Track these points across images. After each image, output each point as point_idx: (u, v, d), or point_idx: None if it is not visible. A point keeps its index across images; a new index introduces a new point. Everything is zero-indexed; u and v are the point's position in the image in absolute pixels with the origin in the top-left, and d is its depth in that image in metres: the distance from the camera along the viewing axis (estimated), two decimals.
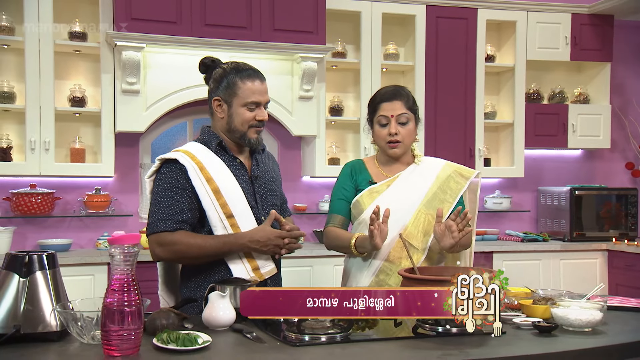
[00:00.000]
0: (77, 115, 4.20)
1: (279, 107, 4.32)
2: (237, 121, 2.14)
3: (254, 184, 2.19)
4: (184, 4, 3.99)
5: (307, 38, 4.23)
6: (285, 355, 1.59)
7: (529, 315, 1.97)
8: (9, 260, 1.74)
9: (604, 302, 1.95)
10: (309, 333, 1.75)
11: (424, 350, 1.65)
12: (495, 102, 5.15)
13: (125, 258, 1.58)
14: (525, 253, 4.72)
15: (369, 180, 2.37)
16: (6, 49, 4.11)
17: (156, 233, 2.03)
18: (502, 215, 5.27)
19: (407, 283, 1.88)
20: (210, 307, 1.86)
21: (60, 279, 1.81)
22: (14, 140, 4.08)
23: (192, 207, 2.06)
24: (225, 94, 2.15)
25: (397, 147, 2.33)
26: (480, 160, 4.87)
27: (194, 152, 2.11)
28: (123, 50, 3.90)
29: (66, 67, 4.23)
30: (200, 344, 1.62)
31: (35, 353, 1.61)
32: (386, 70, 4.83)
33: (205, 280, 2.05)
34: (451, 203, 2.33)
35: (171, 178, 2.06)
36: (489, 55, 4.99)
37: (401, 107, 2.31)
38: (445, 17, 4.77)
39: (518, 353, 1.61)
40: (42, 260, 1.76)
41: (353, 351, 1.64)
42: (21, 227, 4.15)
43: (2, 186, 4.12)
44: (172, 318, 1.80)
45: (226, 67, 2.20)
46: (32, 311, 1.70)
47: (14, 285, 1.72)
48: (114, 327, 1.55)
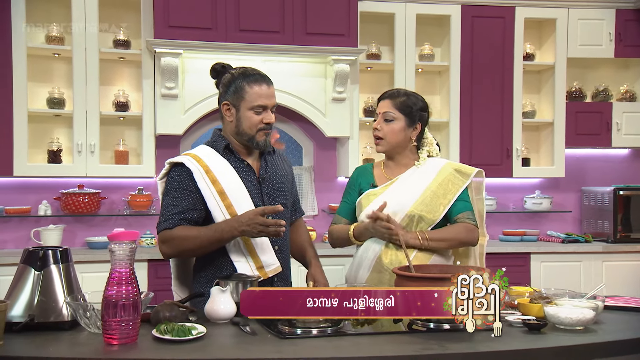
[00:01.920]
0: (121, 119, 4.43)
1: (312, 109, 4.42)
2: (245, 124, 2.24)
3: (262, 185, 2.28)
4: (219, 10, 4.15)
5: (339, 41, 4.31)
6: (270, 347, 1.68)
7: (525, 314, 1.98)
8: (26, 255, 1.91)
9: (601, 302, 1.95)
10: (301, 327, 1.83)
11: (406, 344, 1.70)
12: (535, 101, 5.07)
13: (124, 254, 1.71)
14: (566, 254, 4.64)
15: (371, 183, 2.45)
16: (57, 58, 4.37)
17: (161, 232, 2.16)
18: (543, 216, 5.18)
19: (400, 280, 1.93)
20: (211, 301, 1.97)
21: (74, 273, 1.96)
22: (63, 143, 4.33)
23: (197, 208, 2.17)
24: (233, 98, 2.24)
25: (379, 144, 2.42)
26: (518, 161, 4.81)
27: (201, 155, 2.22)
28: (162, 57, 4.09)
29: (111, 74, 4.46)
30: (194, 335, 1.73)
31: (46, 340, 1.75)
32: (422, 71, 4.84)
33: (214, 276, 2.16)
34: (449, 200, 2.36)
35: (178, 181, 2.18)
36: (528, 53, 4.93)
37: (389, 105, 2.39)
38: (482, 17, 4.75)
39: (494, 349, 1.65)
40: (56, 255, 1.92)
41: (337, 344, 1.71)
42: (70, 225, 4.40)
43: (53, 186, 4.38)
44: (175, 310, 1.92)
45: (234, 72, 2.30)
46: (45, 302, 1.85)
47: (30, 278, 1.88)
48: (113, 318, 1.68)
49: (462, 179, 2.40)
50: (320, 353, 1.63)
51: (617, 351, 1.70)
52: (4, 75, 4.06)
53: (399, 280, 1.93)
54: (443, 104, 4.87)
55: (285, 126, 4.84)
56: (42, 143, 4.31)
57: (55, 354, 1.62)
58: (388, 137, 2.39)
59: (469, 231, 2.35)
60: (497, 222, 5.11)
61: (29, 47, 4.13)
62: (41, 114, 4.27)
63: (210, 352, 1.65)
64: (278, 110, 4.59)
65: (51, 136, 4.33)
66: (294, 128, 4.84)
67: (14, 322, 1.82)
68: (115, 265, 1.71)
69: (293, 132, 4.86)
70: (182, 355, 1.61)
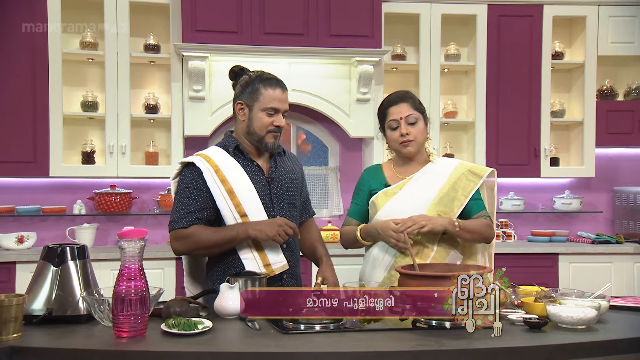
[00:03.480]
0: (152, 121, 4.56)
1: (336, 110, 4.47)
2: (256, 125, 2.31)
3: (271, 185, 2.34)
4: (244, 14, 4.24)
5: (363, 42, 4.35)
6: (269, 341, 1.74)
7: (529, 313, 1.99)
8: (45, 252, 2.02)
9: (607, 301, 1.95)
10: (304, 322, 1.88)
11: (404, 341, 1.74)
12: (565, 100, 5.01)
13: (134, 251, 1.80)
14: (596, 255, 4.56)
15: (384, 183, 2.48)
16: (91, 63, 4.54)
17: (174, 230, 2.24)
18: (573, 217, 5.11)
19: (402, 279, 1.97)
20: (220, 298, 2.05)
21: (91, 269, 2.06)
22: (97, 145, 4.49)
23: (208, 206, 2.25)
24: (248, 98, 2.32)
25: (410, 146, 2.43)
26: (546, 160, 4.76)
27: (211, 155, 2.30)
28: (189, 60, 4.21)
29: (142, 77, 4.60)
30: (200, 330, 1.80)
31: (62, 333, 1.85)
32: (448, 71, 4.84)
33: (224, 273, 2.23)
34: (462, 201, 2.39)
35: (189, 180, 2.27)
36: (557, 52, 4.87)
37: (408, 108, 2.42)
38: (508, 16, 4.71)
39: (490, 345, 1.67)
40: (73, 252, 2.02)
41: (337, 340, 1.76)
42: (103, 223, 4.56)
43: (87, 187, 4.55)
44: (185, 306, 2.00)
45: (252, 75, 2.37)
46: (62, 296, 1.96)
47: (49, 273, 1.99)
48: (122, 312, 1.77)
49: (475, 179, 2.43)
50: (318, 347, 1.68)
51: (614, 350, 1.70)
52: (41, 80, 4.23)
53: (401, 279, 1.97)
54: (469, 104, 4.85)
55: (311, 127, 4.90)
56: (77, 145, 4.48)
57: (67, 345, 1.72)
58: (418, 137, 2.43)
59: (490, 228, 2.40)
60: (526, 222, 5.07)
61: (64, 53, 4.30)
62: (76, 116, 4.43)
63: (214, 345, 1.72)
64: (304, 111, 4.72)
65: (85, 138, 4.49)
66: (319, 129, 4.90)
67: (34, 315, 1.93)
68: (125, 261, 1.80)
69: (319, 133, 4.92)
70: (186, 348, 1.68)
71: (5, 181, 4.47)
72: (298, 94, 4.43)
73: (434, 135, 4.66)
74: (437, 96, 4.66)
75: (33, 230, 4.41)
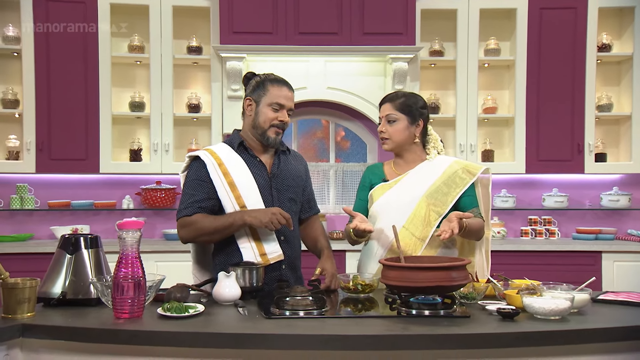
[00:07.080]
0: (194, 120, 4.76)
1: (372, 107, 4.52)
2: (261, 118, 2.43)
3: (272, 181, 2.45)
4: (279, 15, 4.36)
5: (397, 39, 4.38)
6: (250, 324, 1.85)
7: (510, 304, 2.01)
8: (62, 241, 2.19)
9: (587, 294, 1.98)
10: (289, 309, 1.97)
11: (374, 326, 1.81)
12: (614, 93, 4.85)
13: (132, 240, 1.94)
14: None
15: (383, 178, 2.58)
16: (139, 65, 4.78)
17: (180, 218, 2.39)
18: (623, 214, 4.95)
19: (384, 270, 2.00)
20: (218, 285, 2.17)
21: (103, 256, 2.22)
22: (143, 143, 4.73)
23: (211, 197, 2.38)
24: (255, 94, 2.46)
25: (385, 143, 2.55)
26: (590, 156, 4.63)
27: (216, 150, 2.44)
28: (227, 61, 4.37)
29: (186, 77, 4.81)
30: (190, 313, 1.93)
31: (73, 315, 2.01)
32: (488, 66, 4.79)
33: (225, 262, 2.38)
34: (453, 196, 2.42)
35: (195, 172, 2.41)
36: (604, 44, 4.73)
37: (389, 108, 2.53)
38: (550, 8, 4.62)
39: (452, 332, 1.71)
40: (86, 241, 2.18)
41: (312, 325, 1.84)
42: (150, 218, 4.80)
43: (135, 183, 4.80)
44: (185, 292, 2.13)
45: (262, 75, 2.50)
46: (75, 282, 2.12)
47: (64, 260, 2.16)
48: (120, 295, 1.91)
49: (468, 176, 2.47)
50: (287, 330, 1.76)
51: (576, 339, 1.71)
52: (91, 82, 4.50)
53: (383, 270, 2.01)
54: (511, 98, 4.79)
55: (350, 124, 4.97)
56: (125, 143, 4.73)
57: (72, 324, 1.88)
58: (393, 136, 2.52)
59: (483, 227, 2.45)
60: (571, 219, 4.95)
61: (113, 56, 4.55)
62: (124, 116, 4.69)
63: (200, 326, 1.83)
64: (342, 108, 4.80)
65: (132, 137, 4.74)
66: (358, 126, 4.96)
67: (51, 298, 2.11)
68: (124, 249, 1.94)
69: (358, 129, 4.98)
70: (175, 329, 1.80)
71: (61, 178, 4.78)
72: (334, 92, 4.51)
73: (470, 131, 4.63)
74: (475, 92, 4.63)
75: (87, 223, 4.71)
